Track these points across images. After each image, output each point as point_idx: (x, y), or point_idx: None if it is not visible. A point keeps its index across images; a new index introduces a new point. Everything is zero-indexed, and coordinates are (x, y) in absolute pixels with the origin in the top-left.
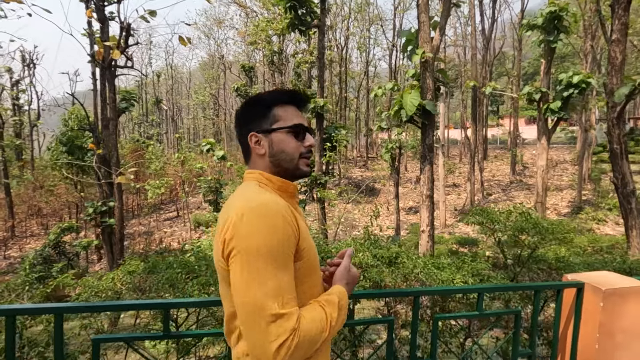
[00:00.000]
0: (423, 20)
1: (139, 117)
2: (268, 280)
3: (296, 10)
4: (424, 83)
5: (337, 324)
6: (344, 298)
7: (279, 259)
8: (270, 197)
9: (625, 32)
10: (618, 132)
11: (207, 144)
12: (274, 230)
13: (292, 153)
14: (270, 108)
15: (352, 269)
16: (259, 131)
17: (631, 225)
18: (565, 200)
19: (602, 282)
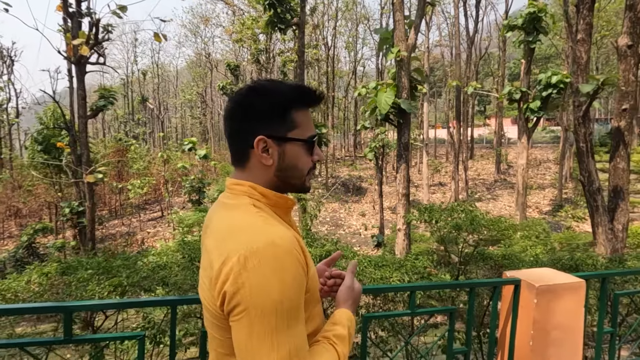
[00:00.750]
0: (398, 19)
1: (125, 115)
2: (283, 344)
3: (275, 8)
4: (399, 82)
5: (346, 357)
6: (353, 325)
7: (293, 313)
8: (275, 232)
9: (589, 32)
10: (584, 130)
11: (189, 142)
12: (288, 278)
13: (303, 169)
14: (289, 110)
15: (355, 285)
16: (271, 136)
17: (597, 222)
18: (547, 198)
19: (538, 278)
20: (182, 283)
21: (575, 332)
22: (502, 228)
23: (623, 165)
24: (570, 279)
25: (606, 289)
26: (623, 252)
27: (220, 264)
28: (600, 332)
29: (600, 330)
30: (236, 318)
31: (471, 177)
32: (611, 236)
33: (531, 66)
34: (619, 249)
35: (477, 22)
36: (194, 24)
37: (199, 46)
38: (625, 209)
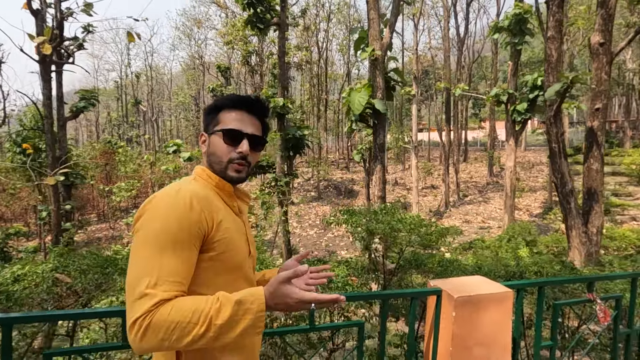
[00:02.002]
0: (372, 18)
1: (118, 118)
2: (148, 261)
3: (255, 8)
4: (374, 81)
5: (225, 324)
6: (255, 302)
7: (169, 244)
8: (187, 187)
9: (559, 29)
10: (556, 130)
11: (173, 145)
12: (173, 215)
13: (221, 156)
14: (219, 111)
15: (286, 287)
16: (205, 130)
17: (570, 225)
18: (538, 201)
19: (459, 289)
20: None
21: (501, 347)
22: (426, 233)
23: (597, 166)
24: (498, 288)
25: (543, 299)
26: (598, 256)
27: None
28: (537, 345)
29: (537, 343)
30: (133, 238)
31: (464, 179)
32: (585, 240)
33: (519, 68)
34: (593, 253)
35: (468, 24)
36: (187, 27)
37: (192, 49)
38: (599, 211)
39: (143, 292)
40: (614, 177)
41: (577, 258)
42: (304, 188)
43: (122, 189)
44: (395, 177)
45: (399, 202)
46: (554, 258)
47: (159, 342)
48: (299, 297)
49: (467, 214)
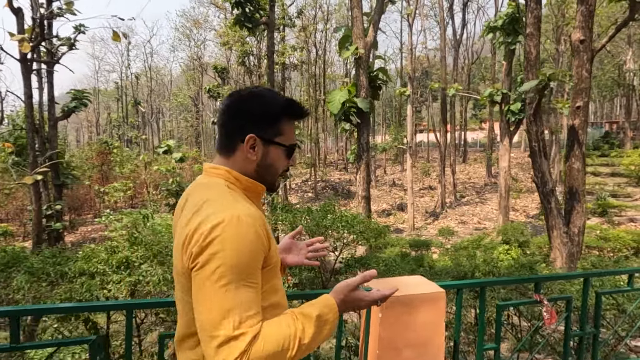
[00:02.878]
0: (356, 16)
1: (118, 119)
2: (228, 300)
3: (243, 7)
4: (358, 80)
5: (312, 340)
6: (330, 312)
7: (244, 277)
8: (243, 208)
9: (538, 26)
10: (535, 129)
11: (165, 145)
12: (245, 247)
13: (279, 170)
14: (279, 118)
15: (357, 293)
16: (260, 137)
17: (551, 226)
18: (535, 202)
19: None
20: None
21: (435, 348)
22: (359, 230)
23: (578, 165)
24: (431, 289)
25: (484, 300)
26: (579, 257)
27: (193, 231)
28: (480, 348)
29: (480, 346)
30: (196, 273)
31: (462, 180)
32: (566, 240)
33: (513, 68)
34: (574, 253)
35: (465, 25)
36: (187, 28)
37: (192, 50)
38: (581, 211)
39: (231, 335)
40: (614, 178)
41: (558, 258)
42: (302, 189)
43: (116, 189)
44: (393, 178)
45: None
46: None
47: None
48: (370, 299)
49: (464, 214)
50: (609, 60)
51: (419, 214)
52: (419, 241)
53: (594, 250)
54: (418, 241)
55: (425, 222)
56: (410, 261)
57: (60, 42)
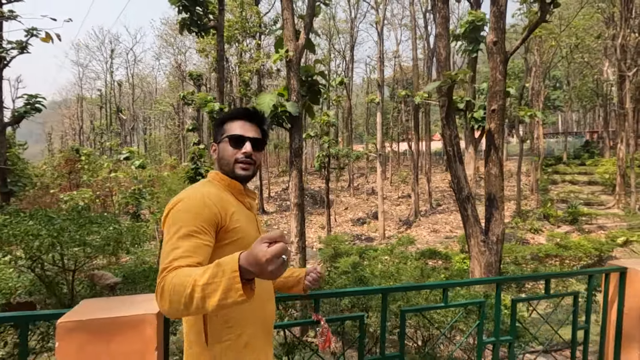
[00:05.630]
0: (286, 18)
1: (101, 127)
2: (172, 247)
3: (190, 11)
4: (289, 83)
5: (206, 284)
6: (228, 262)
7: (187, 232)
8: (203, 189)
9: (446, 27)
10: (449, 133)
11: (127, 151)
12: (191, 210)
13: (228, 158)
14: (224, 123)
15: (259, 245)
16: (215, 140)
17: (469, 234)
18: (510, 210)
19: (85, 311)
20: None
21: None
22: (105, 236)
23: (495, 171)
24: (136, 310)
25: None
26: (498, 267)
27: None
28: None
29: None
30: (164, 235)
31: (442, 188)
32: (484, 249)
33: (476, 75)
34: (493, 262)
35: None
36: (170, 35)
37: (175, 57)
38: (499, 218)
39: (163, 267)
40: (590, 186)
41: (476, 268)
42: (281, 197)
43: (79, 197)
44: (372, 186)
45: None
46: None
47: (168, 304)
48: (269, 251)
49: (437, 223)
50: (588, 70)
51: (393, 223)
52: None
53: (554, 259)
54: (372, 249)
55: (398, 231)
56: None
57: (10, 46)
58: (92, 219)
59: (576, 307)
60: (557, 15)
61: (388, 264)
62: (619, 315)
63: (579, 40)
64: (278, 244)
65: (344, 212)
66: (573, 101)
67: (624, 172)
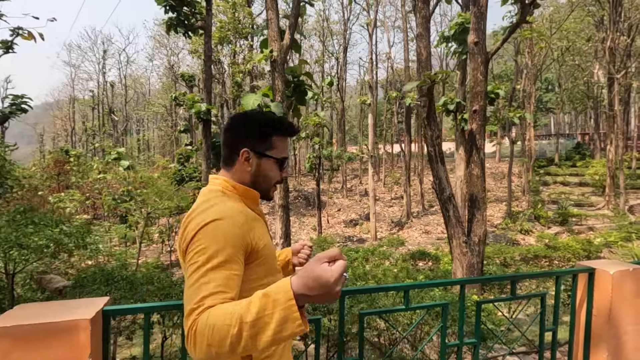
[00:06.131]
0: (271, 18)
1: (93, 128)
2: (200, 280)
3: (177, 11)
4: (273, 84)
5: (256, 319)
6: (281, 292)
7: (218, 262)
8: (226, 209)
9: (427, 27)
10: (431, 133)
11: (115, 153)
12: (220, 238)
13: (271, 180)
14: (271, 134)
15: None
16: (253, 150)
17: (451, 235)
18: (502, 211)
19: (18, 316)
20: None
21: None
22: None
23: (477, 172)
24: (69, 315)
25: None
26: (481, 268)
27: (187, 230)
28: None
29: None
30: (188, 262)
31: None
32: (466, 250)
33: (466, 77)
34: (475, 264)
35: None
36: (163, 36)
37: (168, 58)
38: (481, 219)
39: (193, 308)
40: (581, 187)
41: (458, 270)
42: (273, 199)
43: (62, 198)
44: (366, 188)
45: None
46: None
47: (206, 348)
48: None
49: (429, 224)
50: (579, 73)
51: (385, 224)
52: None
53: (543, 260)
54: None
55: (390, 232)
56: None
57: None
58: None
59: (543, 309)
60: (548, 18)
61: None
62: (587, 317)
63: (570, 43)
64: (340, 262)
65: (337, 214)
66: (565, 103)
67: (614, 174)
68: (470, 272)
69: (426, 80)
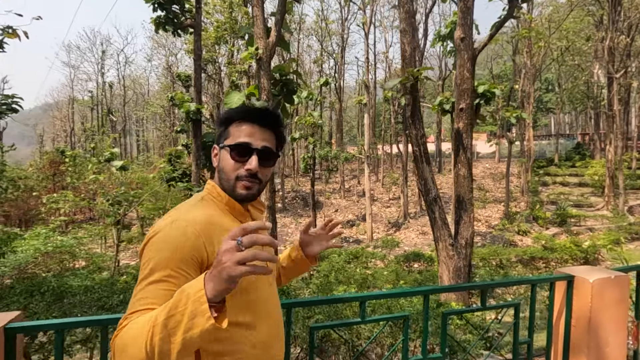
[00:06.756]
0: (257, 15)
1: (92, 128)
2: (136, 293)
3: (166, 9)
4: (259, 82)
5: (169, 318)
6: (192, 285)
7: (157, 277)
8: (189, 214)
9: (410, 22)
10: (415, 132)
11: (108, 153)
12: (167, 245)
13: (228, 173)
14: (229, 124)
15: (221, 253)
16: (217, 144)
17: (437, 237)
18: (500, 212)
19: None
20: None
21: None
22: None
23: (464, 172)
24: None
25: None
26: (468, 271)
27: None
28: None
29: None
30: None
31: None
32: (453, 253)
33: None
34: (461, 267)
35: (426, 35)
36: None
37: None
38: (468, 221)
39: (121, 321)
40: (580, 188)
41: (445, 273)
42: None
43: (57, 199)
44: (364, 188)
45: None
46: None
47: (130, 355)
48: (224, 247)
49: (425, 225)
50: (579, 73)
51: (382, 225)
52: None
53: (540, 262)
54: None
55: (387, 233)
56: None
57: None
58: None
59: (517, 319)
60: (548, 18)
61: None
62: (566, 327)
63: (569, 43)
64: (236, 229)
65: (334, 215)
66: (565, 103)
67: (613, 174)
68: (457, 276)
69: (409, 77)
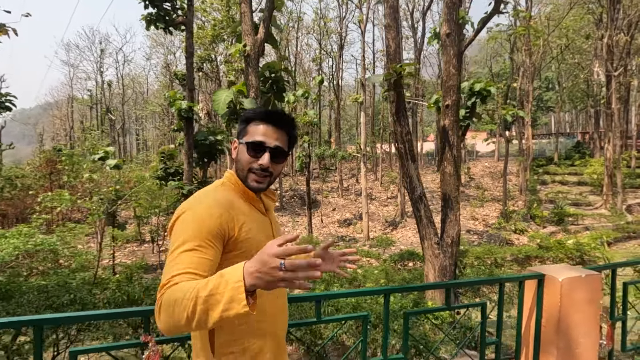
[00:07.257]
0: (244, 11)
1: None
2: (173, 263)
3: (157, 6)
4: (247, 79)
5: (210, 295)
6: (232, 273)
7: (189, 245)
8: (211, 196)
9: (395, 17)
10: (400, 129)
11: (102, 151)
12: (195, 222)
13: (243, 166)
14: (248, 123)
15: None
16: (237, 139)
17: (422, 236)
18: (498, 210)
19: None
20: None
21: None
22: None
23: (450, 169)
24: None
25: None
26: (453, 270)
27: (172, 219)
28: None
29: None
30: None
31: (431, 189)
32: (438, 252)
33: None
34: (447, 266)
35: (424, 34)
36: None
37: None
38: (454, 219)
39: (163, 284)
40: (579, 186)
41: (430, 272)
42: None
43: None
44: (360, 187)
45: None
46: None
47: (168, 319)
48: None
49: None
50: (578, 71)
51: (379, 223)
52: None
53: (535, 261)
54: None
55: (383, 232)
56: None
57: None
58: None
59: (484, 320)
60: (547, 16)
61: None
62: (537, 327)
63: (569, 41)
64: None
65: (332, 213)
66: (565, 102)
67: (612, 173)
68: (442, 275)
69: (392, 73)
